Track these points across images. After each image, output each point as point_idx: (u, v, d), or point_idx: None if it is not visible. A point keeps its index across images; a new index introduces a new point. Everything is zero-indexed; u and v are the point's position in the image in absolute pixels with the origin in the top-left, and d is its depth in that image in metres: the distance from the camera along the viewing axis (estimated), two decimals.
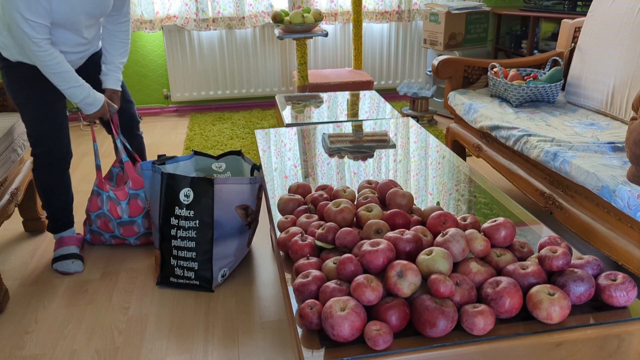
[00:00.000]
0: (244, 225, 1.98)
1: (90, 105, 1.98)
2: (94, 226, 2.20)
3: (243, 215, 1.94)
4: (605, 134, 2.04)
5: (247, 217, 1.97)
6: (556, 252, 1.14)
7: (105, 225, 2.18)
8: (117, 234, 2.19)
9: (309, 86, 3.64)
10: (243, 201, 1.94)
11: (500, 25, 4.41)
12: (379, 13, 4.19)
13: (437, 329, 1.02)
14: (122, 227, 2.17)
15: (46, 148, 2.01)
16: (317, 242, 1.30)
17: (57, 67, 1.85)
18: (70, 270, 2.07)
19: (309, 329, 1.08)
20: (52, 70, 1.84)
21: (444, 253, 1.12)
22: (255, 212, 2.03)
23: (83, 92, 1.94)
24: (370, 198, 1.46)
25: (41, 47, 1.79)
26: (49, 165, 2.04)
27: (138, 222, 2.17)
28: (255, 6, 4.03)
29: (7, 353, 1.66)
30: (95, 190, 2.18)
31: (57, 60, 1.84)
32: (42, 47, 1.79)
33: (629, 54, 2.15)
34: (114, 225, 2.17)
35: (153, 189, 1.93)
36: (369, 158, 2.00)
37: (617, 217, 1.63)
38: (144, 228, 2.19)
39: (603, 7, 2.35)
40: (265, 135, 2.31)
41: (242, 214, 1.94)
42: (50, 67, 1.83)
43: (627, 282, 1.11)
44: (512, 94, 2.43)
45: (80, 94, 1.93)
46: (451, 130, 2.76)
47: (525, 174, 2.11)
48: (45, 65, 1.82)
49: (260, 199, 2.05)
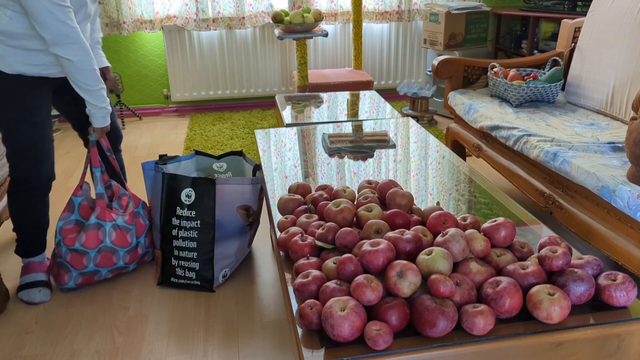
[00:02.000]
0: (246, 225, 1.98)
1: (107, 115, 1.88)
2: (90, 266, 1.90)
3: (244, 215, 1.94)
4: (605, 134, 2.04)
5: (249, 217, 1.97)
6: (556, 252, 1.14)
7: (107, 260, 1.92)
8: (120, 264, 1.96)
9: (309, 86, 3.64)
10: (244, 201, 1.94)
11: (500, 25, 4.41)
12: (379, 13, 4.19)
13: (437, 329, 1.02)
14: (128, 255, 1.97)
15: (29, 174, 1.83)
16: (317, 242, 1.30)
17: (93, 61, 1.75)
18: (36, 300, 1.88)
19: (309, 329, 1.08)
20: (90, 65, 1.74)
21: (444, 253, 1.12)
22: (256, 212, 2.02)
23: (107, 97, 1.86)
24: (370, 198, 1.46)
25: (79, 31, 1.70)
26: (31, 191, 1.86)
27: (141, 243, 2.01)
28: (255, 6, 4.03)
29: (7, 353, 1.66)
30: (94, 224, 1.88)
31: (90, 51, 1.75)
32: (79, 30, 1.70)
33: (629, 54, 2.15)
34: (120, 256, 1.94)
35: (154, 189, 1.93)
36: (369, 158, 2.00)
37: (617, 217, 1.63)
38: (145, 247, 2.04)
39: (603, 7, 2.35)
40: (265, 135, 2.31)
41: (243, 214, 1.93)
42: (90, 57, 1.73)
43: (627, 282, 1.11)
44: (512, 94, 2.43)
45: (106, 97, 1.84)
46: (451, 130, 2.76)
47: (525, 174, 2.11)
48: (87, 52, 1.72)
49: (261, 200, 2.05)
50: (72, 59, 1.69)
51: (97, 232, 1.88)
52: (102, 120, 1.87)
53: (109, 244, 1.90)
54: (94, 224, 1.88)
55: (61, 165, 3.22)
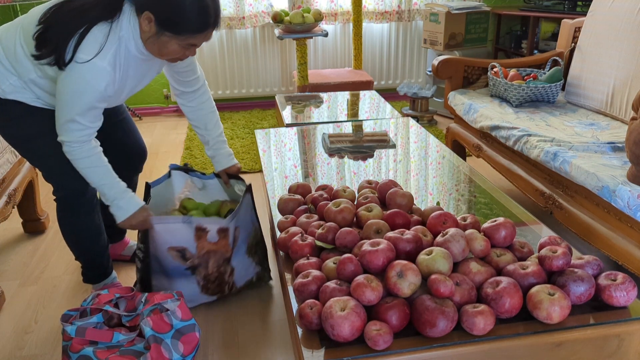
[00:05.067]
0: (184, 269, 1.69)
1: (120, 209, 1.57)
2: None
3: (178, 257, 1.67)
4: (605, 134, 2.04)
5: (185, 260, 1.68)
6: (556, 252, 1.14)
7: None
8: None
9: (309, 86, 3.64)
10: (177, 242, 1.65)
11: (500, 25, 4.40)
12: (379, 13, 4.19)
13: (437, 329, 1.02)
14: None
15: (71, 190, 1.67)
16: (317, 242, 1.30)
17: (85, 162, 1.52)
18: None
19: (309, 329, 1.08)
20: (84, 164, 1.52)
21: (444, 253, 1.12)
22: (200, 257, 1.68)
23: (112, 191, 1.56)
24: (370, 198, 1.46)
25: (73, 149, 1.50)
26: (77, 208, 1.70)
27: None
28: (255, 6, 4.03)
29: (7, 353, 1.66)
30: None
31: (89, 155, 1.52)
32: (74, 147, 1.50)
33: (629, 54, 2.15)
34: None
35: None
36: (369, 158, 2.00)
37: (617, 217, 1.63)
38: None
39: (603, 7, 2.35)
40: (265, 135, 2.31)
41: (176, 255, 1.67)
42: (89, 159, 1.52)
43: (627, 282, 1.11)
44: (512, 94, 2.43)
45: (108, 192, 1.56)
46: (451, 130, 2.76)
47: (525, 174, 2.11)
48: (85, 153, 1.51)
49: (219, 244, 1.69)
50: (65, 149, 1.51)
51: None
52: (118, 213, 1.58)
53: None
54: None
55: None
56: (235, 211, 1.70)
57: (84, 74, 1.38)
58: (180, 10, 1.36)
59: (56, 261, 2.16)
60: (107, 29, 1.40)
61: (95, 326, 1.49)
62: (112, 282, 1.88)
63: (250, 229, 1.79)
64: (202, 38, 1.43)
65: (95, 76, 1.39)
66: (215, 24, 1.42)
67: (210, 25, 1.40)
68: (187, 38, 1.41)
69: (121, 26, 1.41)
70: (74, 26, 1.38)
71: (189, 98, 1.80)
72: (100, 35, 1.39)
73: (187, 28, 1.39)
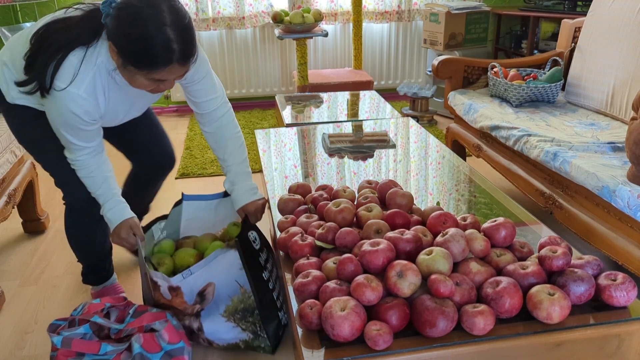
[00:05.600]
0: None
1: (109, 221, 1.56)
2: None
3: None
4: (605, 134, 2.04)
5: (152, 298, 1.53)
6: (556, 252, 1.14)
7: None
8: None
9: (309, 86, 3.64)
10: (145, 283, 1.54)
11: (500, 25, 4.41)
12: (379, 13, 4.19)
13: (437, 329, 1.02)
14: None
15: (78, 197, 1.63)
16: (317, 242, 1.30)
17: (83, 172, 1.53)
18: None
19: (309, 329, 1.08)
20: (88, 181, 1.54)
21: (444, 253, 1.12)
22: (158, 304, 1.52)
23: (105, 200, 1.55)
24: (370, 198, 1.46)
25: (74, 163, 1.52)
26: (85, 215, 1.67)
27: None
28: (255, 6, 4.03)
29: (7, 353, 1.66)
30: None
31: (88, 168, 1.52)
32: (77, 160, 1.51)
33: (629, 54, 2.15)
34: None
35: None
36: (369, 158, 2.00)
37: (617, 217, 1.63)
38: None
39: (603, 7, 2.35)
40: (265, 135, 2.31)
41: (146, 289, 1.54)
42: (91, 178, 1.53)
43: (627, 282, 1.11)
44: (512, 94, 2.43)
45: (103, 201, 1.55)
46: (451, 130, 2.76)
47: (525, 174, 2.11)
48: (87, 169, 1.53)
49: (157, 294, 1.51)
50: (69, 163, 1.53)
51: None
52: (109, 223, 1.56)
53: None
54: None
55: None
56: (201, 264, 1.45)
57: (63, 102, 1.36)
58: (139, 44, 1.25)
59: (56, 261, 2.16)
60: (82, 54, 1.35)
61: (82, 337, 1.43)
62: (111, 285, 1.87)
63: (234, 290, 1.49)
64: (167, 73, 1.30)
65: (73, 104, 1.36)
66: (183, 59, 1.29)
67: (174, 60, 1.27)
68: (150, 73, 1.30)
69: (100, 52, 1.36)
70: (54, 51, 1.34)
71: (204, 121, 1.66)
72: (75, 61, 1.35)
73: (146, 63, 1.27)
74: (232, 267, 1.47)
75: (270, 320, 1.52)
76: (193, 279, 1.45)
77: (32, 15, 3.85)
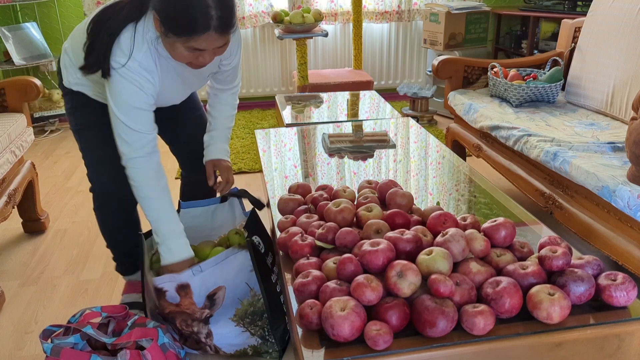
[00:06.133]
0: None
1: (169, 251, 1.46)
2: None
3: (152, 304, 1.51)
4: (605, 134, 2.04)
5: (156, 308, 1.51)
6: (556, 252, 1.14)
7: None
8: None
9: (309, 86, 3.64)
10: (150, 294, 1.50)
11: (500, 25, 4.41)
12: (379, 13, 4.19)
13: (437, 329, 1.02)
14: None
15: (101, 187, 1.66)
16: (317, 242, 1.30)
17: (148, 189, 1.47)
18: None
19: (309, 329, 1.08)
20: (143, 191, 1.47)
21: (444, 253, 1.12)
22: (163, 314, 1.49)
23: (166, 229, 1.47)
24: (370, 198, 1.46)
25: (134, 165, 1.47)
26: (108, 204, 1.68)
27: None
28: (255, 6, 4.03)
29: (7, 353, 1.66)
30: None
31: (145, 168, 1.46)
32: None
33: (629, 54, 2.15)
34: None
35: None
36: (369, 158, 2.00)
37: (617, 217, 1.63)
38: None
39: (603, 7, 2.35)
40: (265, 135, 2.31)
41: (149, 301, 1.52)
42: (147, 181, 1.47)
43: (627, 282, 1.11)
44: (512, 94, 2.43)
45: (161, 228, 1.46)
46: (451, 130, 2.76)
47: (525, 174, 2.11)
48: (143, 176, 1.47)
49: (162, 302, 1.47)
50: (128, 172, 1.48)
51: None
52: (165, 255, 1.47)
53: None
54: None
55: (61, 165, 3.22)
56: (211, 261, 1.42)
57: (125, 77, 1.39)
58: (179, 9, 1.30)
59: (56, 261, 2.16)
60: (132, 31, 1.40)
61: (72, 346, 1.39)
62: (137, 279, 1.84)
63: (245, 293, 1.49)
64: (204, 42, 1.32)
65: (134, 77, 1.39)
66: (221, 28, 1.31)
67: (212, 27, 1.29)
68: (188, 40, 1.32)
69: (147, 27, 1.41)
70: (110, 35, 1.39)
71: (220, 88, 1.76)
72: (128, 38, 1.39)
73: (185, 28, 1.30)
74: (243, 268, 1.47)
75: (278, 324, 1.51)
76: (203, 278, 1.43)
77: (32, 15, 3.85)
